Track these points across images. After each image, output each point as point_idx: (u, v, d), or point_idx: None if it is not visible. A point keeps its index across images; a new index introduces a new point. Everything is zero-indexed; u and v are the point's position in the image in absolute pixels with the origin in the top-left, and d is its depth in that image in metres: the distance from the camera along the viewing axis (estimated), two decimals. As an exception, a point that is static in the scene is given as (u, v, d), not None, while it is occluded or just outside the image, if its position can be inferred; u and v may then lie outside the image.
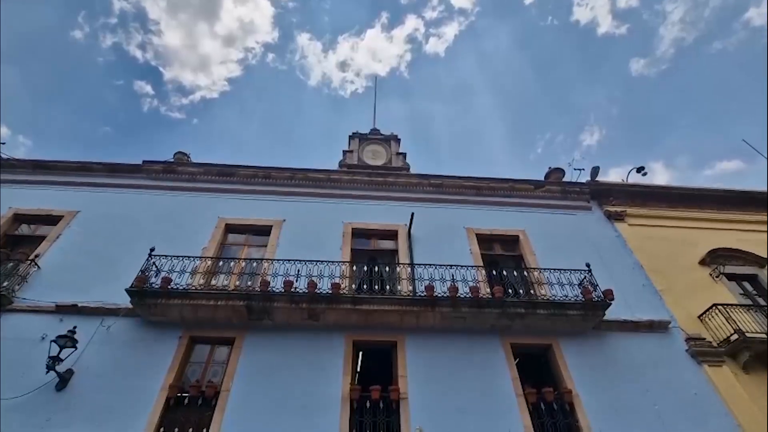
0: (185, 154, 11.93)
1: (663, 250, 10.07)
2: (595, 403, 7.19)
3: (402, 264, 8.98)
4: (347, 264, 8.82)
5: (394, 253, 9.77)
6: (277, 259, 8.53)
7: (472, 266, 8.94)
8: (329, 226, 9.98)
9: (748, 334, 7.93)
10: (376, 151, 12.95)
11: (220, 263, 8.80)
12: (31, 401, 6.40)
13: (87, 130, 40.36)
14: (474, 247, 9.87)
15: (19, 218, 9.55)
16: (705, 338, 8.29)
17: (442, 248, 9.62)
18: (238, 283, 8.36)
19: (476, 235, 10.17)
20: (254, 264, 8.76)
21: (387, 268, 9.17)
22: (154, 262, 8.00)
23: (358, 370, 8.38)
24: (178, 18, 42.73)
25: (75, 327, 6.96)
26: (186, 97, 45.98)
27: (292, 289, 7.74)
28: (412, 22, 47.21)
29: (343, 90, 50.12)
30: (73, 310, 7.57)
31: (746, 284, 9.75)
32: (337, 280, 8.09)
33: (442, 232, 10.12)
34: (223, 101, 46.48)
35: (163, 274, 7.83)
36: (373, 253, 9.89)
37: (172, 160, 11.45)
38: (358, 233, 10.04)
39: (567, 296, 8.21)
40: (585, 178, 12.12)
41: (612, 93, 45.47)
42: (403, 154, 12.89)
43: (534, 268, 9.21)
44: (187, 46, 45.18)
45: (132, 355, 7.19)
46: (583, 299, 8.09)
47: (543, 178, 12.46)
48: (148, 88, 42.22)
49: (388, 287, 8.67)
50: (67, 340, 6.74)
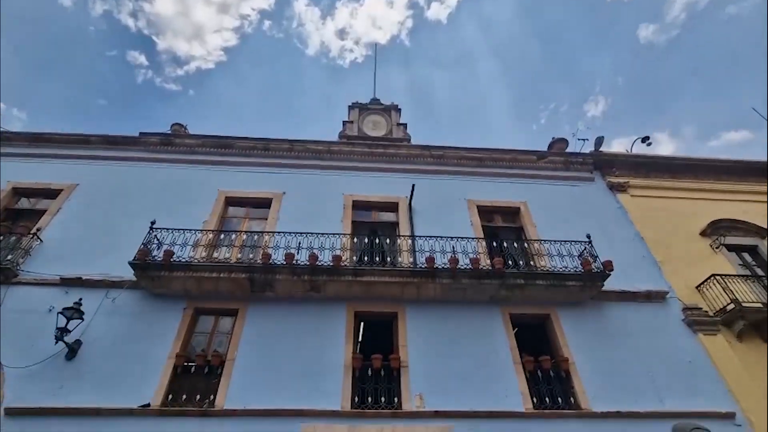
0: (182, 126, 11.75)
1: (664, 222, 10.06)
2: (591, 370, 7.38)
3: (402, 236, 9.01)
4: (348, 236, 8.85)
5: (395, 225, 9.78)
6: (278, 232, 8.56)
7: (473, 238, 8.97)
8: (329, 198, 9.94)
9: (745, 304, 8.02)
10: (376, 122, 12.73)
11: (222, 236, 8.86)
12: (43, 370, 6.58)
13: (82, 102, 39.63)
14: (475, 218, 9.87)
15: (19, 192, 9.52)
16: (701, 308, 8.40)
17: (443, 220, 9.62)
18: (239, 255, 8.42)
19: (477, 206, 10.14)
20: (255, 237, 8.79)
21: (388, 240, 9.21)
22: (156, 235, 8.04)
23: (360, 340, 8.58)
24: (170, -18, 41.05)
25: (80, 299, 7.07)
26: (181, 68, 44.84)
27: (294, 262, 7.80)
28: (413, -14, 45.32)
29: (342, 59, 48.78)
30: (78, 283, 7.67)
31: (746, 255, 9.79)
32: (338, 252, 8.14)
33: (443, 204, 10.09)
34: (219, 71, 45.33)
35: (165, 247, 7.88)
36: (373, 225, 9.90)
37: (169, 132, 11.28)
38: (358, 205, 10.02)
39: (567, 267, 8.28)
40: (588, 148, 11.95)
41: (619, 61, 44.14)
42: (404, 125, 12.67)
43: (534, 240, 9.24)
44: (180, 13, 43.61)
45: (138, 325, 7.33)
46: (583, 270, 8.15)
47: (546, 149, 12.27)
48: (142, 59, 41.12)
49: (388, 259, 8.74)
50: (74, 312, 6.86)
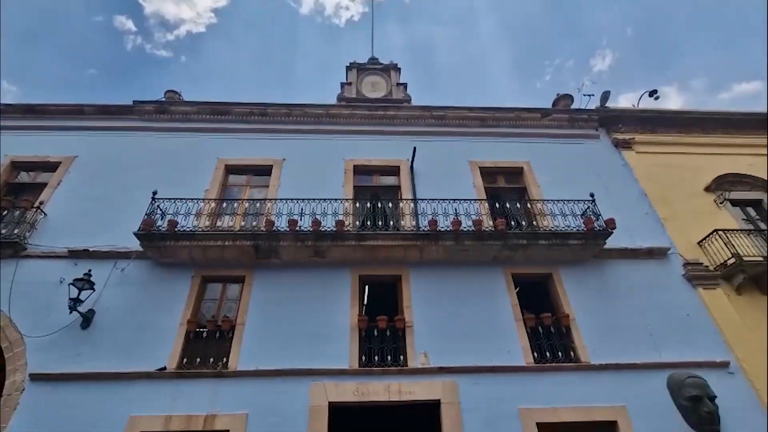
0: (176, 93, 11.47)
1: (669, 178, 9.96)
2: (591, 326, 7.57)
3: (405, 199, 8.99)
4: (350, 201, 8.85)
5: (397, 189, 9.73)
6: (280, 199, 8.56)
7: (475, 200, 8.95)
8: (330, 163, 9.85)
9: (746, 258, 8.08)
10: (375, 83, 12.38)
11: (224, 204, 8.89)
12: (60, 339, 6.83)
13: (72, 73, 38.53)
14: (477, 180, 9.80)
15: (17, 166, 9.47)
16: (702, 263, 8.48)
17: (445, 182, 9.57)
18: (243, 223, 8.47)
19: (479, 168, 10.04)
20: (257, 204, 8.80)
21: (390, 204, 9.22)
22: (158, 206, 8.06)
23: (365, 302, 8.78)
24: (152, -65, 38.67)
25: (90, 270, 7.20)
26: (171, 33, 43.13)
27: (297, 228, 7.85)
28: (411, -68, 42.51)
29: (338, 18, 46.68)
30: (85, 255, 7.78)
31: (750, 210, 9.75)
32: (341, 218, 8.17)
33: (445, 166, 9.99)
34: (211, 35, 43.61)
35: (168, 217, 7.93)
36: (375, 189, 9.86)
37: (164, 100, 11.03)
38: (359, 170, 9.94)
39: (569, 227, 8.30)
40: (594, 105, 11.65)
41: (627, 12, 42.00)
42: (404, 85, 12.32)
43: (537, 200, 9.21)
44: (166, -31, 41.39)
45: (148, 294, 7.51)
46: (585, 229, 8.18)
47: (551, 107, 11.96)
48: (130, 24, 39.50)
49: (391, 223, 8.78)
50: (85, 283, 7.01)
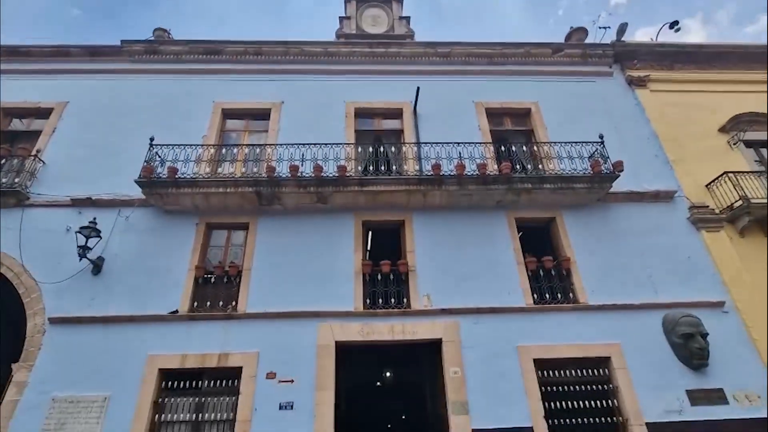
0: (165, 31, 10.80)
1: (683, 118, 9.58)
2: (591, 268, 7.68)
3: (408, 143, 8.76)
4: (352, 146, 8.64)
5: (400, 132, 9.45)
6: (280, 144, 8.36)
7: (480, 143, 8.70)
8: (330, 106, 9.50)
9: (753, 200, 7.98)
10: (376, 17, 11.57)
11: (224, 150, 8.72)
12: (73, 285, 7.04)
13: (55, 14, 36.27)
14: (483, 122, 9.46)
15: (9, 113, 9.18)
16: (708, 206, 8.40)
17: (450, 125, 9.26)
18: (243, 169, 8.36)
19: (485, 109, 9.65)
20: (257, 150, 8.62)
21: (393, 149, 9.01)
22: (157, 152, 7.92)
23: (369, 248, 8.89)
24: None
25: (95, 218, 7.24)
26: (155, -40, 39.85)
27: (299, 174, 7.75)
28: None
29: (335, -62, 42.57)
30: (89, 203, 7.80)
31: (764, 151, 9.46)
32: (343, 163, 8.02)
33: (450, 108, 9.61)
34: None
35: (168, 164, 7.82)
36: (377, 133, 9.59)
37: (153, 39, 10.42)
38: (361, 113, 9.60)
39: (576, 170, 8.13)
40: (610, 40, 10.89)
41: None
42: (407, 19, 11.53)
43: (544, 142, 8.95)
44: None
45: (154, 241, 7.61)
46: (592, 172, 8.02)
47: (563, 42, 11.23)
48: (111, -48, 36.38)
49: (394, 168, 8.64)
50: (91, 231, 7.08)
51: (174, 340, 6.65)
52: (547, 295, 7.45)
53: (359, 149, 8.74)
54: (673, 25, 11.41)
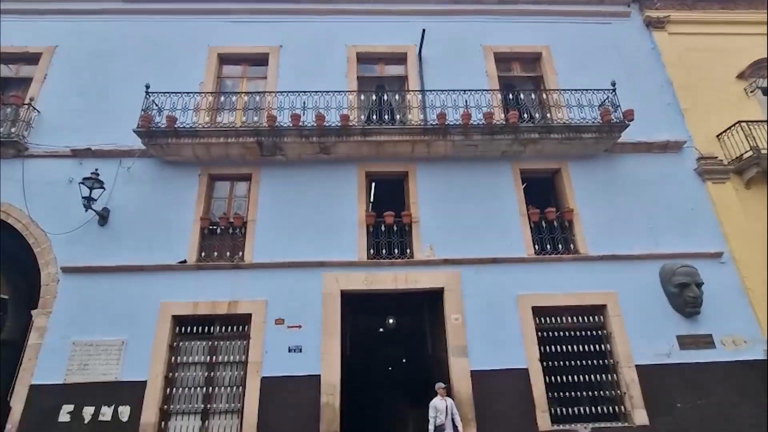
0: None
1: (700, 63, 9.14)
2: (593, 219, 7.73)
3: (412, 91, 8.46)
4: (354, 93, 8.36)
5: (404, 79, 9.09)
6: (281, 92, 8.09)
7: (487, 90, 8.39)
8: (331, 50, 9.06)
9: (764, 151, 7.83)
10: (378, -51, 10.64)
11: (222, 99, 8.46)
12: (81, 236, 7.14)
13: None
14: (491, 68, 9.06)
15: (-4, 57, 8.80)
16: (717, 157, 8.26)
17: (456, 71, 8.89)
18: (244, 119, 8.15)
19: (494, 53, 9.20)
20: (257, 98, 8.34)
21: (396, 97, 8.73)
22: (153, 100, 7.69)
23: (372, 199, 8.90)
24: None
25: (97, 169, 7.17)
26: None
27: (301, 123, 7.56)
28: None
29: None
30: (89, 154, 7.70)
31: (782, 98, 9.12)
32: (345, 112, 7.80)
33: (456, 52, 9.17)
34: None
35: (165, 113, 7.62)
36: (380, 80, 9.23)
37: (140, -26, 9.69)
38: (363, 58, 9.17)
39: (585, 119, 7.92)
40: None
41: None
42: (412, -49, 10.62)
43: (553, 90, 8.63)
44: None
45: (158, 193, 7.61)
46: (601, 121, 7.81)
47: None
48: None
49: (398, 117, 8.42)
50: (94, 182, 7.04)
51: (184, 289, 6.88)
52: (548, 246, 7.56)
53: (362, 97, 8.45)
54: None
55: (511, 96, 8.43)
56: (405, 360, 12.74)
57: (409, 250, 7.46)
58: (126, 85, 8.28)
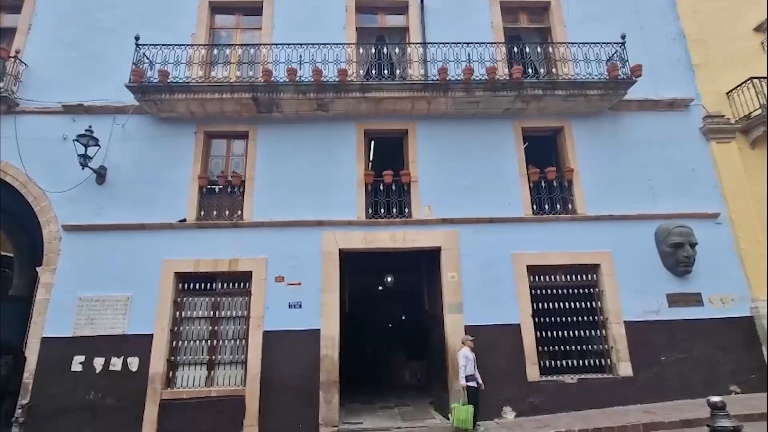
0: None
1: (717, 15, 8.66)
2: (593, 179, 7.69)
3: (413, 43, 8.12)
4: (353, 46, 8.02)
5: (405, 30, 8.68)
6: (276, 44, 7.76)
7: (491, 43, 8.05)
8: (328, -2, 8.58)
9: (773, 109, 7.62)
10: None
11: (215, 51, 8.13)
12: (80, 195, 7.14)
13: None
14: (496, 18, 8.62)
15: (-25, 4, 8.36)
16: (724, 115, 8.06)
17: (460, 22, 8.47)
18: (238, 73, 7.87)
19: (500, 2, 8.71)
20: (251, 51, 8.01)
21: (397, 50, 8.38)
22: (144, 53, 7.40)
23: (371, 158, 8.80)
24: None
25: (90, 126, 7.05)
26: None
27: (297, 78, 7.33)
28: None
29: None
30: (81, 110, 7.52)
31: (798, 54, 8.73)
32: (344, 66, 7.52)
33: (461, 1, 8.67)
34: None
35: (157, 66, 7.36)
36: (381, 31, 8.83)
37: None
38: (362, 7, 8.72)
39: (591, 74, 7.65)
40: None
41: None
42: None
43: (560, 43, 8.27)
44: None
45: (154, 151, 7.52)
46: (608, 77, 7.55)
47: None
48: None
49: (398, 72, 8.15)
50: (89, 139, 6.95)
51: (185, 247, 6.99)
52: (547, 206, 7.57)
53: (361, 50, 8.13)
54: None
55: (516, 49, 8.09)
56: (404, 317, 13.20)
57: (407, 210, 7.49)
58: (114, 37, 7.96)
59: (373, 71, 8.06)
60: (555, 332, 6.89)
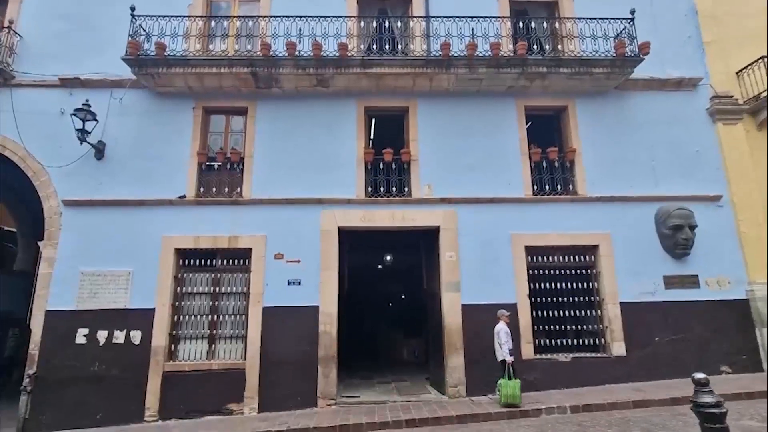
0: None
1: (731, -12, 8.37)
2: (595, 160, 7.60)
3: (416, 17, 7.89)
4: (354, 20, 7.81)
5: (408, 3, 8.42)
6: (275, 16, 7.56)
7: (496, 17, 7.82)
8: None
9: (783, 89, 7.45)
10: None
11: (213, 24, 7.93)
12: (79, 170, 7.12)
13: None
14: (502, -9, 8.34)
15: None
16: (733, 96, 7.89)
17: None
18: (237, 47, 7.72)
19: (507, -26, 8.41)
20: (250, 23, 7.81)
21: (399, 24, 8.16)
22: (141, 25, 7.23)
23: (371, 137, 8.70)
24: None
25: (87, 100, 6.96)
26: None
27: (297, 53, 7.18)
28: None
29: None
30: (78, 84, 7.42)
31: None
32: (344, 40, 7.35)
33: (466, -28, 8.36)
34: None
35: (154, 39, 7.21)
36: (383, 3, 8.57)
37: None
38: (364, -22, 8.42)
39: (597, 51, 7.46)
40: None
41: None
42: None
43: (567, 18, 8.02)
44: None
45: (152, 126, 7.45)
46: (614, 54, 7.36)
47: None
48: None
49: (399, 47, 7.95)
50: (87, 114, 6.88)
51: (185, 224, 7.01)
52: (547, 187, 7.53)
53: (362, 23, 7.92)
54: None
55: (521, 24, 7.86)
56: (403, 296, 13.35)
57: (407, 189, 7.46)
58: (108, 7, 7.77)
59: (375, 46, 7.88)
60: (551, 312, 6.97)
